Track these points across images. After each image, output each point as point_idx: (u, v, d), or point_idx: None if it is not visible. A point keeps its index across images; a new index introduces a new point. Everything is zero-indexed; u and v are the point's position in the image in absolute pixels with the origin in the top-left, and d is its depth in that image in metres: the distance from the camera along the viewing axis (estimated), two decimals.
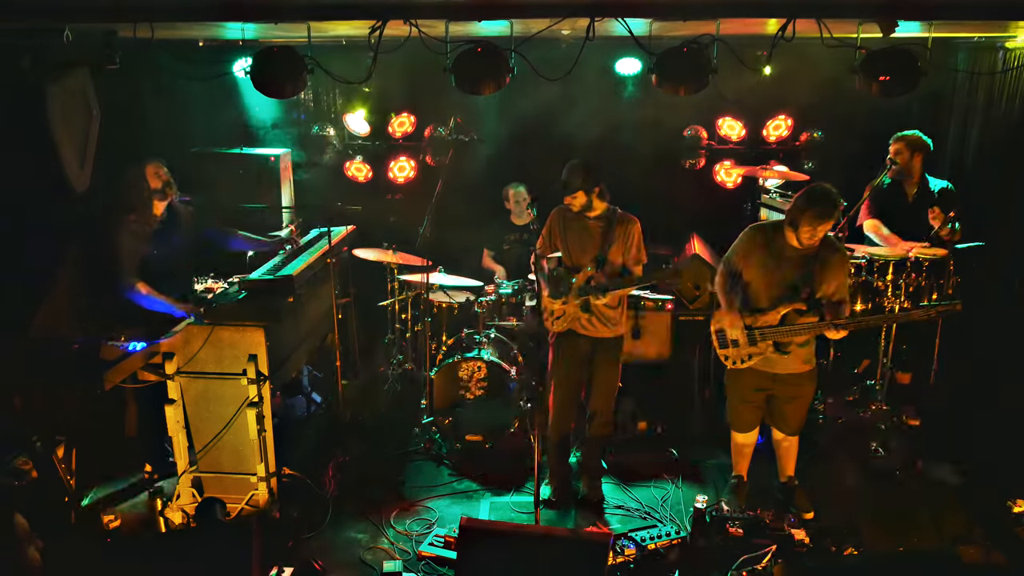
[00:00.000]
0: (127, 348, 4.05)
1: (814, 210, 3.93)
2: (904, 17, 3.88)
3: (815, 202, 3.94)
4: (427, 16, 3.98)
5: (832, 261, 4.09)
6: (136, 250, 4.42)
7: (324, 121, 6.71)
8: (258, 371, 4.14)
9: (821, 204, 3.93)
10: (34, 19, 4.01)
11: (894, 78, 4.11)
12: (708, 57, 4.15)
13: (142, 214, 4.46)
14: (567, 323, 4.48)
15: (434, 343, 5.70)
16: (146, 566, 3.48)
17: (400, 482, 4.90)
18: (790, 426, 4.42)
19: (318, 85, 6.67)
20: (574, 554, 3.19)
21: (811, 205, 3.94)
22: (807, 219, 3.95)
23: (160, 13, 4.02)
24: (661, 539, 4.10)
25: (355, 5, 4.04)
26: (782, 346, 4.17)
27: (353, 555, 4.18)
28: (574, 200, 4.34)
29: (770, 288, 4.19)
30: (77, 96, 4.27)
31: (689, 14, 3.96)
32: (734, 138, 6.43)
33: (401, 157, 6.65)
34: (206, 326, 4.11)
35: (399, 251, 5.67)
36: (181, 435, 4.27)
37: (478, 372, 5.16)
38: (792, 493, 4.55)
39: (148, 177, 4.44)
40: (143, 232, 4.47)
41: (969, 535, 4.27)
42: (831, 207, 3.93)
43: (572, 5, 3.88)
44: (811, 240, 4.01)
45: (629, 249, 4.41)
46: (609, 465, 4.99)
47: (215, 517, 4.11)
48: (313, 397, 5.70)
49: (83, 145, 4.34)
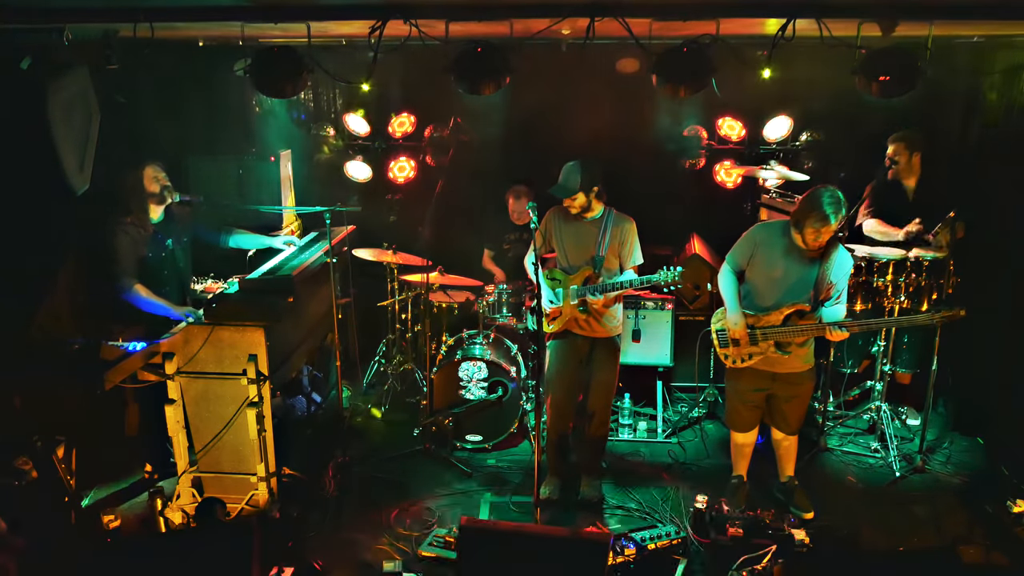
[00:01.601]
0: (127, 348, 4.05)
1: (818, 213, 3.93)
2: (904, 17, 3.88)
3: (819, 205, 3.94)
4: (427, 16, 3.98)
5: (835, 262, 4.10)
6: (133, 253, 4.42)
7: (324, 121, 6.71)
8: (258, 371, 4.13)
9: (825, 207, 3.92)
10: (34, 19, 4.01)
11: (894, 78, 4.11)
12: (708, 57, 4.15)
13: (139, 217, 4.46)
14: (564, 324, 4.48)
15: (434, 343, 5.70)
16: (146, 566, 3.48)
17: (400, 482, 4.90)
18: (790, 425, 4.42)
19: (318, 85, 6.68)
20: (574, 554, 3.19)
21: (815, 208, 3.95)
22: (811, 221, 3.96)
23: (160, 13, 4.02)
24: (661, 539, 4.10)
25: (355, 5, 4.05)
26: (783, 346, 4.17)
27: (353, 555, 4.18)
28: (573, 201, 4.34)
29: (774, 288, 4.19)
30: (77, 96, 4.26)
31: (689, 14, 3.96)
32: (734, 138, 6.43)
33: (401, 157, 6.65)
34: (206, 326, 4.11)
35: (399, 251, 5.68)
36: (181, 435, 4.27)
37: (478, 372, 5.16)
38: (792, 493, 4.55)
39: (146, 181, 4.44)
40: (140, 235, 4.46)
41: (969, 535, 4.27)
42: (835, 210, 3.93)
43: (572, 5, 3.88)
44: (816, 242, 4.02)
45: (626, 249, 4.41)
46: (609, 465, 4.99)
47: (215, 517, 4.11)
48: (313, 397, 5.70)
49: (83, 145, 4.34)
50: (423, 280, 5.37)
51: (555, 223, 4.52)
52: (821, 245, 4.05)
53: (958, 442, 5.33)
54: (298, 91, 4.40)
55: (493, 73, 4.17)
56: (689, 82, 4.19)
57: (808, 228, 3.98)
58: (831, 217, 3.92)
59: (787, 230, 4.14)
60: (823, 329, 4.06)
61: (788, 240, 4.14)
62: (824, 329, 4.06)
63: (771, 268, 4.19)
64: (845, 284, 4.17)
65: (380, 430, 5.54)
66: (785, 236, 4.16)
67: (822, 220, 3.93)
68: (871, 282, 4.91)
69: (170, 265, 4.60)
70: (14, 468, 3.93)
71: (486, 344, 5.31)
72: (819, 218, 3.93)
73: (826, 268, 4.09)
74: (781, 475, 4.62)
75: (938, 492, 4.75)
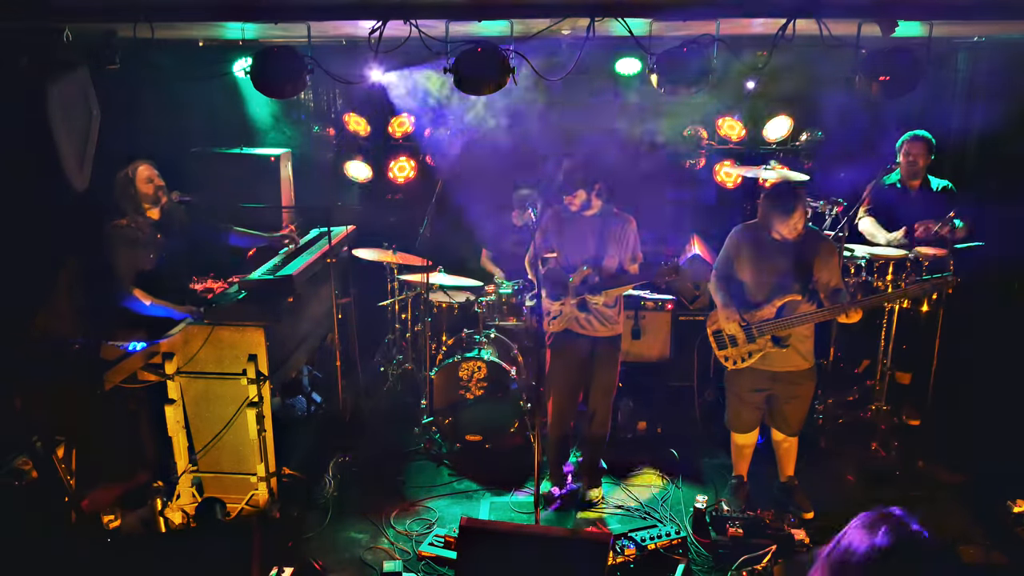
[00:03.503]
0: (127, 348, 4.05)
1: (776, 209, 4.05)
2: (904, 17, 3.88)
3: (774, 201, 4.07)
4: (427, 16, 3.98)
5: (820, 250, 4.15)
6: (131, 256, 4.39)
7: (324, 121, 6.71)
8: (258, 371, 4.13)
9: (780, 200, 4.04)
10: (34, 19, 4.00)
11: (894, 78, 4.12)
12: (708, 57, 4.15)
13: (134, 220, 4.44)
14: (564, 323, 4.48)
15: (434, 343, 5.70)
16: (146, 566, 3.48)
17: (400, 482, 4.90)
18: (790, 426, 4.42)
19: (318, 85, 6.67)
20: (574, 554, 3.18)
21: (773, 207, 4.07)
22: (775, 218, 4.07)
23: (160, 13, 4.02)
24: (661, 539, 4.10)
25: (355, 5, 4.05)
26: (781, 340, 4.18)
27: (353, 555, 4.18)
28: (574, 199, 4.34)
29: (762, 282, 4.21)
30: (77, 96, 4.26)
31: (689, 14, 3.96)
32: (734, 138, 6.43)
33: (401, 157, 6.65)
34: (206, 326, 4.11)
35: (399, 251, 5.68)
36: (181, 435, 4.27)
37: (478, 372, 5.16)
38: (792, 493, 4.55)
39: (138, 182, 4.41)
40: (137, 237, 4.43)
41: (969, 535, 4.27)
42: (790, 199, 4.01)
43: (572, 5, 3.88)
44: (791, 233, 4.07)
45: (625, 248, 4.41)
46: (609, 465, 4.99)
47: (215, 517, 4.11)
48: (313, 397, 5.70)
49: (83, 145, 4.33)
50: (423, 280, 5.38)
51: (554, 222, 4.52)
52: (800, 234, 4.10)
53: (955, 442, 5.32)
54: (298, 91, 4.39)
55: (493, 73, 4.16)
56: (689, 82, 4.19)
57: (776, 225, 4.08)
58: (790, 211, 4.00)
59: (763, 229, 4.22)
60: (818, 315, 4.09)
61: (765, 235, 4.18)
62: (819, 316, 4.09)
63: (755, 264, 4.23)
64: (835, 267, 4.20)
65: (380, 430, 5.53)
66: (765, 230, 4.20)
67: (782, 215, 4.03)
68: (871, 282, 4.91)
69: (169, 265, 4.59)
70: (14, 468, 3.93)
71: (486, 344, 5.31)
72: (779, 215, 4.04)
73: (808, 254, 4.14)
74: (781, 475, 4.62)
75: (938, 492, 4.75)
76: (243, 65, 5.56)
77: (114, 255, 4.36)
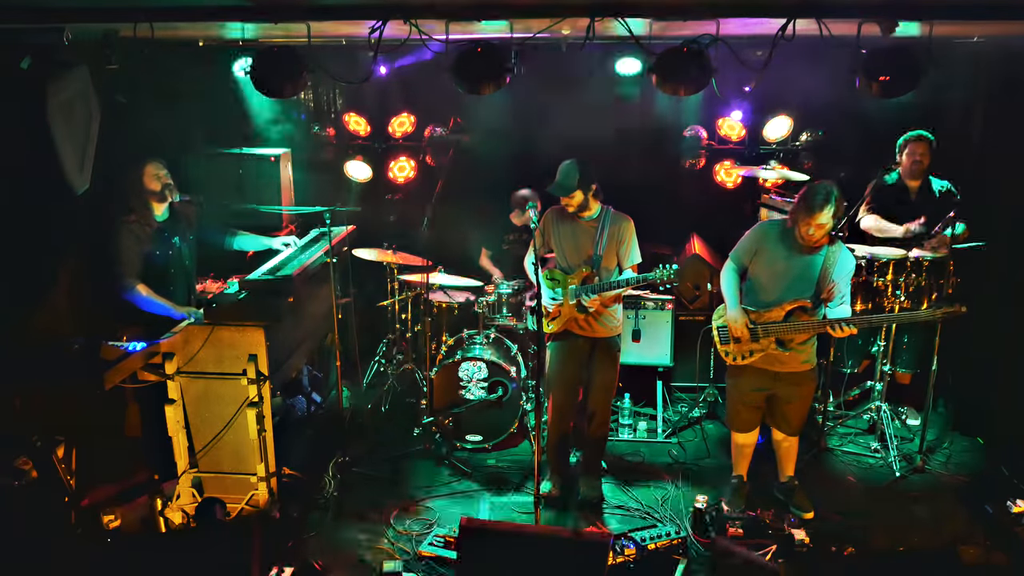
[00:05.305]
0: (127, 348, 4.05)
1: (804, 204, 4.02)
2: (904, 17, 3.88)
3: (805, 197, 4.03)
4: (427, 16, 3.98)
5: (844, 269, 4.13)
6: (136, 251, 4.42)
7: (324, 121, 6.70)
8: (258, 371, 4.13)
9: (809, 195, 4.01)
10: (34, 19, 4.00)
11: (894, 78, 4.11)
12: (708, 57, 4.15)
13: (142, 215, 4.47)
14: (564, 324, 4.48)
15: (434, 343, 5.70)
16: (146, 566, 3.48)
17: (400, 482, 4.90)
18: (791, 426, 4.42)
19: (318, 85, 6.67)
20: (574, 554, 3.19)
21: (803, 201, 4.04)
22: (800, 214, 4.03)
23: (160, 13, 4.02)
24: (661, 539, 4.10)
25: (355, 5, 4.04)
26: (785, 343, 4.18)
27: (353, 555, 4.18)
28: (571, 200, 4.33)
29: (776, 284, 4.20)
30: (77, 96, 4.26)
31: (689, 14, 3.95)
32: (734, 138, 6.43)
33: (401, 157, 6.65)
34: (206, 326, 4.11)
35: (399, 251, 5.67)
36: (181, 435, 4.27)
37: (478, 372, 5.16)
38: (792, 493, 4.55)
39: (147, 179, 4.45)
40: (143, 233, 4.47)
41: (969, 535, 4.27)
42: (822, 201, 3.97)
43: (572, 5, 3.88)
44: (811, 236, 4.04)
45: (624, 249, 4.41)
46: (609, 465, 4.99)
47: (215, 517, 4.11)
48: (313, 397, 5.70)
49: (83, 145, 4.34)
50: (423, 280, 5.37)
51: (553, 223, 4.52)
52: (817, 240, 4.07)
53: (958, 442, 5.32)
54: (298, 91, 4.39)
55: (493, 73, 4.16)
56: (689, 82, 4.19)
57: (800, 223, 4.05)
58: (814, 208, 3.97)
59: (791, 227, 4.17)
60: (824, 326, 4.07)
61: (790, 236, 4.17)
62: (824, 326, 4.06)
63: (773, 264, 4.21)
64: (848, 285, 4.18)
65: (380, 430, 5.53)
66: (787, 232, 4.20)
67: (807, 212, 3.99)
68: (871, 282, 4.91)
69: (176, 263, 4.60)
70: (14, 468, 3.93)
71: (486, 344, 5.31)
72: (804, 211, 4.00)
73: (828, 266, 4.11)
74: (781, 475, 4.62)
75: (938, 492, 4.75)
76: (243, 65, 5.56)
77: (120, 250, 4.38)
